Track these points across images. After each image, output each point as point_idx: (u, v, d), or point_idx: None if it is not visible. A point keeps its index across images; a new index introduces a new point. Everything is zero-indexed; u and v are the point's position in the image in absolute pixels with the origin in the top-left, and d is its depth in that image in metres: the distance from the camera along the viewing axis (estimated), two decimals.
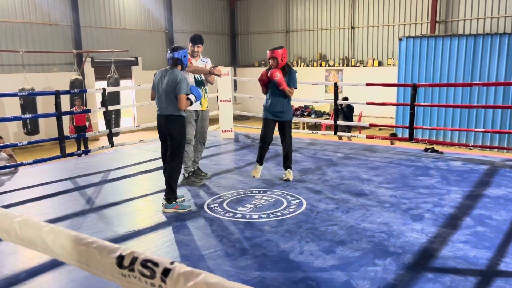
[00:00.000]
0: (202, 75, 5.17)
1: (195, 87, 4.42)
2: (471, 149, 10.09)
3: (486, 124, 11.74)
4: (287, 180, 5.15)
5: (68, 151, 6.50)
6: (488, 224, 3.71)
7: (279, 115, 5.07)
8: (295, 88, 5.07)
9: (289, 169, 5.23)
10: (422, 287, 2.72)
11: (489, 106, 11.19)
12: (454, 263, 3.02)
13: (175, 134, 4.21)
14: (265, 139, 5.14)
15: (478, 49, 11.70)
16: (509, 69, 11.33)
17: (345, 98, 10.39)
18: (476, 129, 11.33)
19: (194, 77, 5.13)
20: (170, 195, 4.22)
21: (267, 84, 5.05)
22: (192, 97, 4.29)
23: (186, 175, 5.13)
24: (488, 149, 9.51)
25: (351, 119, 11.11)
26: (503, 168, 5.49)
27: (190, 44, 5.13)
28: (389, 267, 2.98)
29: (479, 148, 9.52)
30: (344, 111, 10.68)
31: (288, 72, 5.01)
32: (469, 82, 11.59)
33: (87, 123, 10.68)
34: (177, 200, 4.27)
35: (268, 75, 4.95)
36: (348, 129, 10.56)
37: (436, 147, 6.61)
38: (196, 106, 5.07)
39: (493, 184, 4.86)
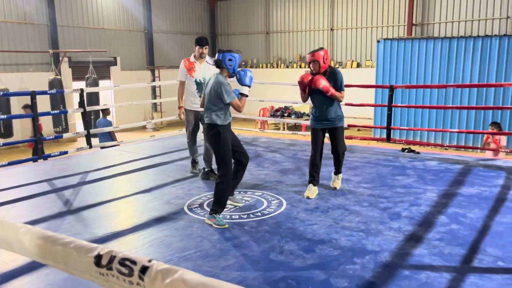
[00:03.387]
0: (206, 77, 5.24)
1: (242, 81, 4.08)
2: (446, 149, 10.29)
3: (461, 125, 12.03)
4: (335, 188, 4.79)
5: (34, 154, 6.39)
6: (462, 222, 3.81)
7: (330, 123, 4.62)
8: (343, 90, 4.53)
9: (340, 174, 4.86)
10: (399, 284, 2.79)
11: (463, 107, 11.48)
12: (429, 260, 3.10)
13: (214, 145, 3.99)
14: (315, 150, 4.67)
15: (452, 51, 11.99)
16: (482, 71, 11.65)
17: None
18: (451, 130, 11.63)
19: (195, 81, 5.26)
20: (213, 206, 3.91)
21: (309, 90, 4.59)
22: (245, 89, 4.04)
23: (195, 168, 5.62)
24: (462, 149, 9.75)
25: None
26: (476, 168, 5.64)
27: (197, 46, 5.19)
28: (367, 265, 3.03)
29: (454, 148, 9.74)
30: None
31: (332, 74, 4.53)
32: (444, 84, 11.86)
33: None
34: (218, 215, 3.87)
35: (312, 85, 4.48)
36: None
37: (412, 147, 6.74)
38: (196, 107, 5.29)
39: (467, 183, 4.99)
